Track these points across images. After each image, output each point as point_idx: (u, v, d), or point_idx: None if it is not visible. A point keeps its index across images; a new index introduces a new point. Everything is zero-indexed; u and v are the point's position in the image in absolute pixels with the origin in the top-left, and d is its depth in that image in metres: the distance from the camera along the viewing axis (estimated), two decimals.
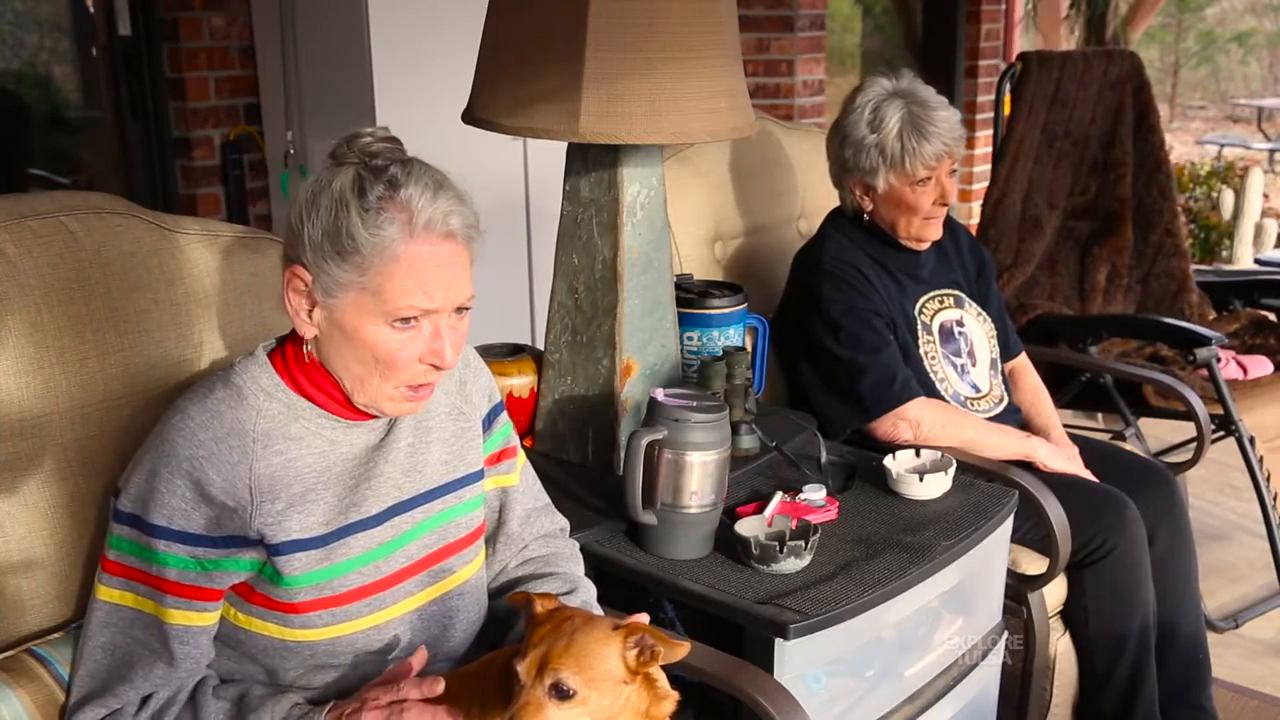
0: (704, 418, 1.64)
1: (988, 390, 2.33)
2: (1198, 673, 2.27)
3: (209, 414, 1.29)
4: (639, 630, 1.22)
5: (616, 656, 1.20)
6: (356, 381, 1.32)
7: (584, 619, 1.23)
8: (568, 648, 1.19)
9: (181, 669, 1.29)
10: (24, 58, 3.47)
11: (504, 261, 3.37)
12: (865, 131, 2.22)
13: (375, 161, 1.27)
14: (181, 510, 1.26)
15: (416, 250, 1.25)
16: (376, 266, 1.25)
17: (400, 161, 1.28)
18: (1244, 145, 9.98)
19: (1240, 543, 3.36)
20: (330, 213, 1.25)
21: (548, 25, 1.67)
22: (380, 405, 1.34)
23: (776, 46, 4.63)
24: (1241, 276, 3.85)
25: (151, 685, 1.29)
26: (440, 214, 1.26)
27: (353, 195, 1.25)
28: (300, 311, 1.31)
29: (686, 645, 1.22)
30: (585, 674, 1.18)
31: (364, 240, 1.24)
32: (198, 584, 1.28)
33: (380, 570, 1.36)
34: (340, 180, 1.26)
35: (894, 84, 2.24)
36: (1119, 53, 3.63)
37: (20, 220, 1.38)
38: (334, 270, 1.26)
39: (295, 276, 1.29)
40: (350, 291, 1.26)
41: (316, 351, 1.33)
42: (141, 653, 1.29)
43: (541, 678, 1.18)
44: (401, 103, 3.03)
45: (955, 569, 1.74)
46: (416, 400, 1.34)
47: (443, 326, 1.30)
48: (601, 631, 1.21)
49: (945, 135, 2.19)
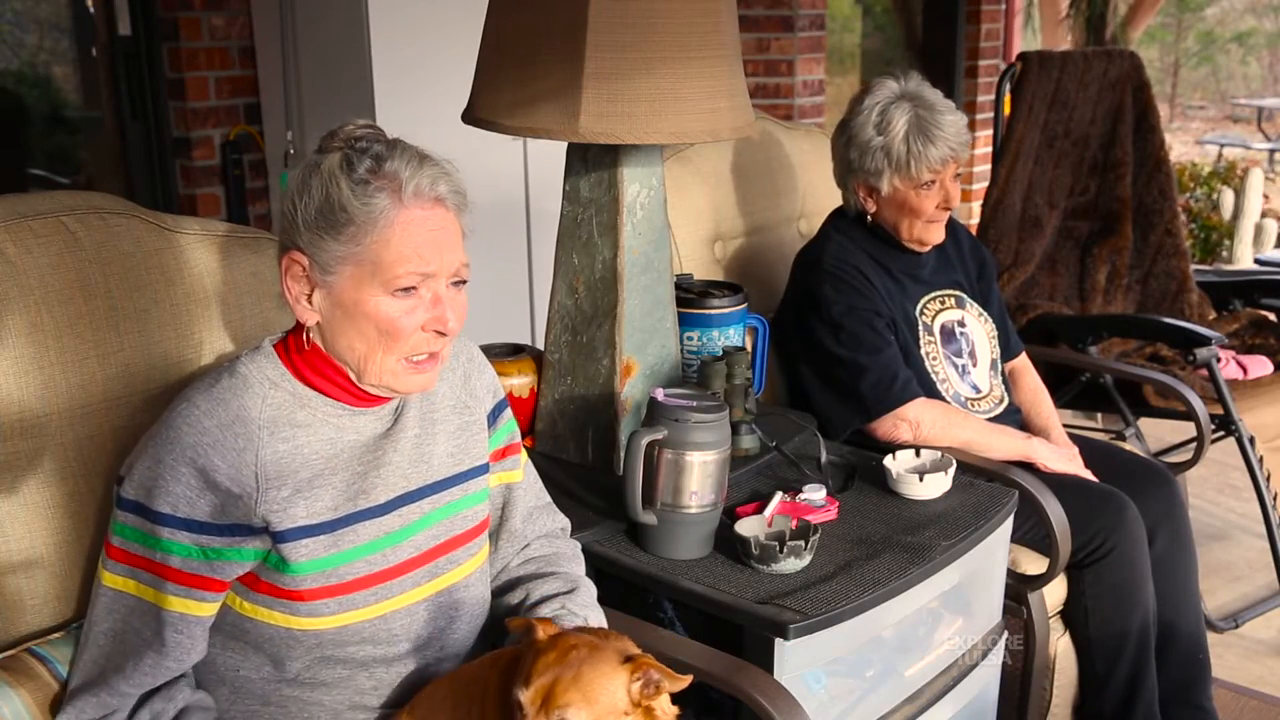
0: (704, 418, 1.64)
1: (988, 390, 2.33)
2: (1197, 672, 2.27)
3: (214, 402, 1.30)
4: (646, 666, 1.20)
5: (622, 689, 1.19)
6: (362, 360, 1.32)
7: (589, 649, 1.21)
8: (575, 680, 1.17)
9: (170, 658, 1.30)
10: (24, 57, 3.47)
11: (504, 261, 3.36)
12: (872, 133, 2.22)
13: (360, 144, 1.31)
14: (186, 498, 1.27)
15: (409, 215, 1.29)
16: (371, 236, 1.28)
17: (384, 141, 1.32)
18: (1244, 145, 9.98)
19: (1240, 543, 3.36)
20: (321, 191, 1.29)
21: (548, 25, 1.67)
22: (389, 382, 1.34)
23: (776, 46, 4.62)
24: (1241, 276, 3.84)
25: (140, 675, 1.30)
26: (427, 180, 1.30)
27: (341, 172, 1.29)
28: (300, 298, 1.33)
29: (688, 678, 1.21)
30: (590, 708, 1.17)
31: (356, 210, 1.27)
32: (199, 572, 1.29)
33: (387, 559, 1.37)
34: (328, 162, 1.30)
35: (902, 86, 2.24)
36: (1119, 53, 3.62)
37: (20, 220, 1.38)
38: (330, 245, 1.29)
39: (293, 262, 1.31)
40: (348, 265, 1.29)
41: (320, 339, 1.35)
42: (134, 641, 1.30)
43: (547, 710, 1.16)
44: (401, 103, 3.03)
45: (955, 569, 1.75)
46: (424, 372, 1.35)
47: (442, 294, 1.32)
48: (608, 665, 1.20)
49: (951, 140, 2.19)
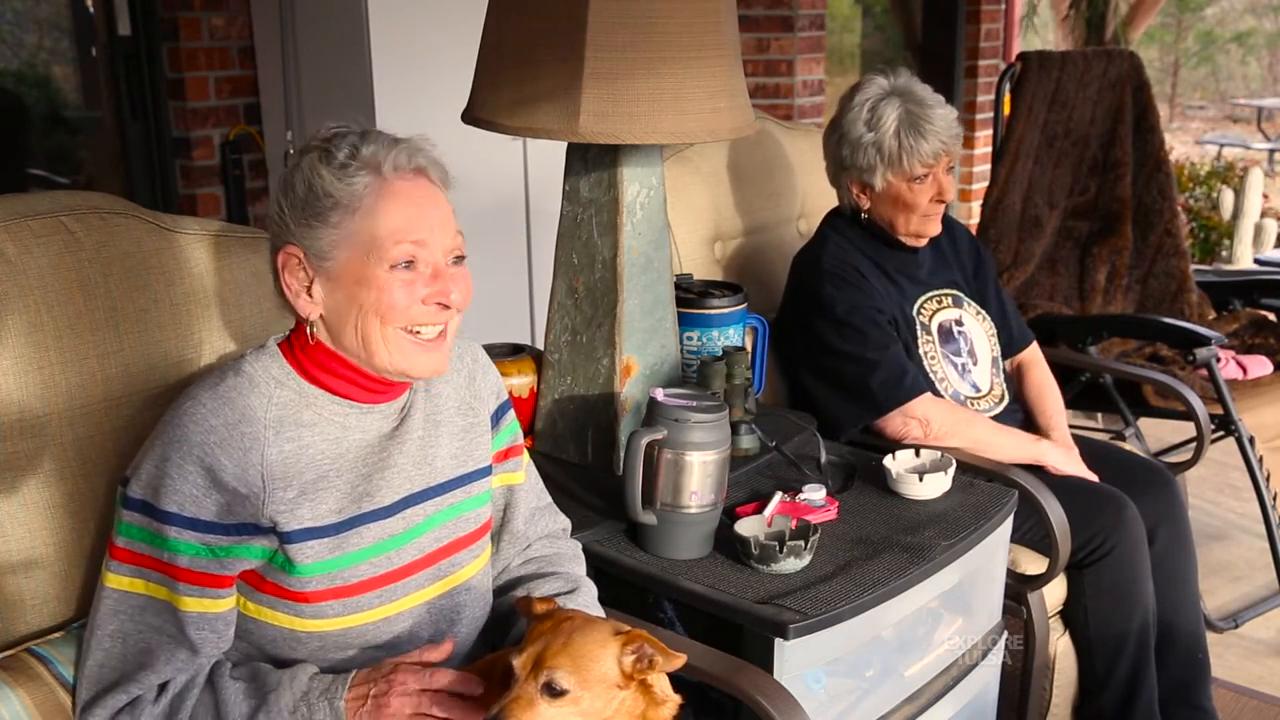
0: (704, 418, 1.64)
1: (988, 389, 2.33)
2: (1197, 672, 2.27)
3: (220, 400, 1.29)
4: (638, 639, 1.22)
5: (612, 660, 1.20)
6: (370, 345, 1.32)
7: (583, 620, 1.24)
8: (564, 647, 1.19)
9: (203, 654, 1.30)
10: (24, 57, 3.47)
11: (504, 261, 3.36)
12: (863, 130, 2.22)
13: (335, 139, 1.33)
14: (193, 497, 1.26)
15: (393, 188, 1.30)
16: (360, 213, 1.29)
17: (357, 131, 1.34)
18: (1244, 145, 9.99)
19: (1240, 543, 3.36)
20: (304, 184, 1.30)
21: (548, 25, 1.67)
22: (400, 363, 1.33)
23: (776, 46, 4.63)
24: (1241, 276, 3.84)
25: (173, 670, 1.29)
26: (405, 155, 1.32)
27: (320, 163, 1.30)
28: (300, 292, 1.33)
29: (683, 657, 1.22)
30: (579, 674, 1.18)
31: (340, 192, 1.29)
32: (209, 570, 1.28)
33: (392, 561, 1.36)
34: (306, 159, 1.32)
35: (891, 82, 2.24)
36: (1119, 53, 3.62)
37: (20, 220, 1.38)
38: (321, 231, 1.30)
39: (289, 256, 1.32)
40: (342, 250, 1.30)
41: (324, 332, 1.34)
42: (159, 639, 1.29)
43: (536, 674, 1.18)
44: (401, 103, 3.03)
45: (955, 569, 1.75)
46: (433, 351, 1.35)
47: (442, 267, 1.33)
48: (600, 634, 1.21)
49: (942, 133, 2.19)
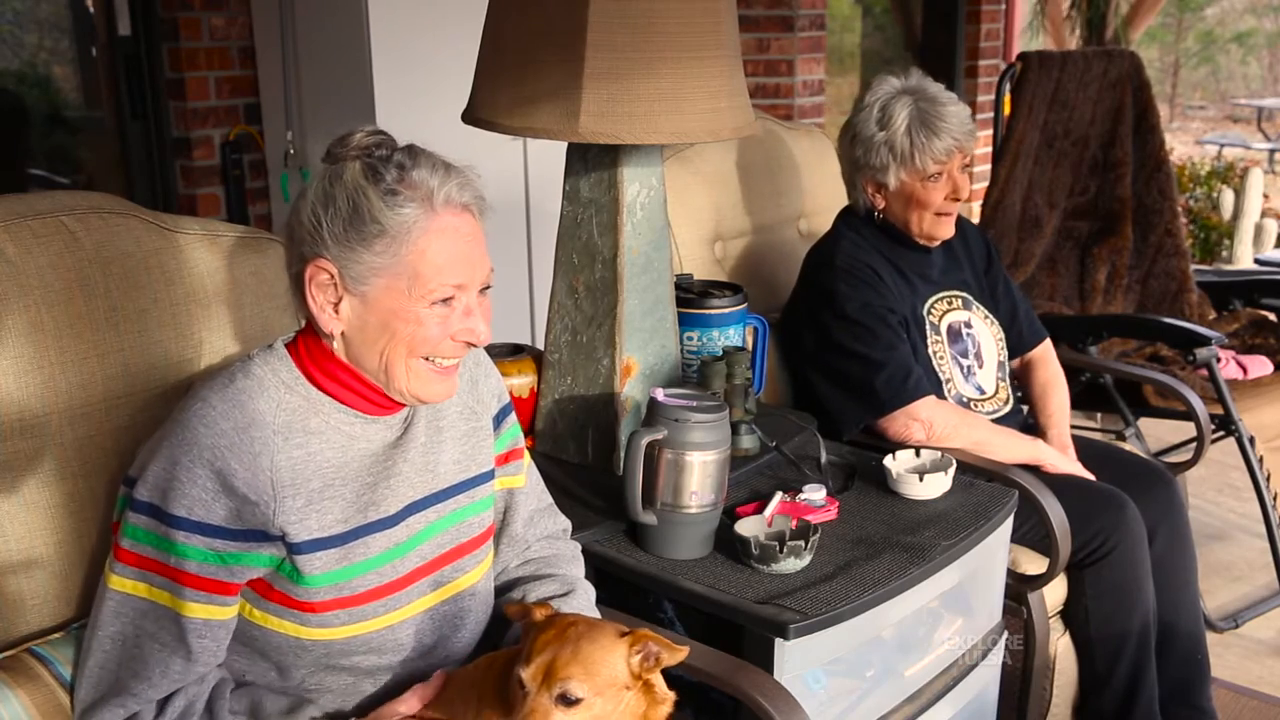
0: (704, 418, 1.64)
1: (993, 392, 2.33)
2: (1197, 672, 2.27)
3: (230, 403, 1.28)
4: (645, 638, 1.22)
5: (621, 662, 1.20)
6: (392, 371, 1.32)
7: (587, 625, 1.23)
8: (574, 655, 1.18)
9: (199, 663, 1.29)
10: (24, 58, 3.46)
11: (504, 261, 3.32)
12: (874, 129, 2.22)
13: (378, 152, 1.30)
14: (202, 501, 1.25)
15: (441, 223, 1.28)
16: (406, 246, 1.27)
17: (403, 150, 1.31)
18: (1244, 145, 9.99)
19: (1240, 543, 3.36)
20: (348, 203, 1.27)
21: (548, 25, 1.67)
22: (416, 390, 1.33)
23: (776, 46, 4.62)
24: (1241, 276, 3.84)
25: (169, 682, 1.28)
26: (455, 188, 1.30)
27: (367, 182, 1.27)
28: (325, 307, 1.30)
29: (686, 650, 1.22)
30: (591, 681, 1.18)
31: (389, 220, 1.26)
32: (217, 577, 1.27)
33: (396, 570, 1.36)
34: (350, 172, 1.28)
35: (903, 82, 2.26)
36: (1119, 53, 3.62)
37: (20, 220, 1.38)
38: (362, 256, 1.27)
39: (319, 270, 1.29)
40: (383, 277, 1.28)
41: (342, 348, 1.33)
42: (153, 646, 1.28)
43: (548, 685, 1.17)
44: (401, 103, 3.03)
45: (955, 569, 1.74)
46: (448, 378, 1.35)
47: (473, 304, 1.33)
48: (606, 638, 1.21)
49: (955, 130, 2.19)
